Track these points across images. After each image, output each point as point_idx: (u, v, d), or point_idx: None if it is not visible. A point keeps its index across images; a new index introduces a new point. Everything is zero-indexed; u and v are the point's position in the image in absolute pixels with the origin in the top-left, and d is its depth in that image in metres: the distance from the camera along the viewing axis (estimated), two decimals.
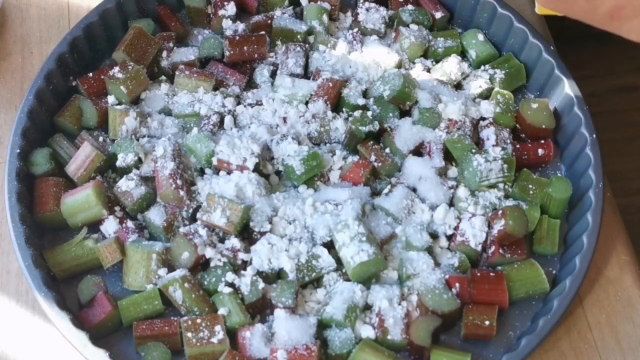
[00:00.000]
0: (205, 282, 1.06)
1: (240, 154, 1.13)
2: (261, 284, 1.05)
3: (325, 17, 1.30)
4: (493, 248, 1.10)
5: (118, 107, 1.18)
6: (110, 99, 1.19)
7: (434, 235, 1.12)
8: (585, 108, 1.19)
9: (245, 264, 1.08)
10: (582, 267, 1.07)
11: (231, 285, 1.06)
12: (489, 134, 1.20)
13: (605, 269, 1.14)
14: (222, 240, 1.10)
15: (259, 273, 1.07)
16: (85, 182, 1.12)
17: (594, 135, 1.16)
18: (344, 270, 1.08)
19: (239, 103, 1.23)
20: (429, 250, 1.10)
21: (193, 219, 1.12)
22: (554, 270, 1.13)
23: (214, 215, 1.07)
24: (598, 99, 2.33)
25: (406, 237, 1.10)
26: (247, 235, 1.11)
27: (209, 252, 1.07)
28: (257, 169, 1.13)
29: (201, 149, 1.14)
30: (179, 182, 1.10)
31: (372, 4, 1.32)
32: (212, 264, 1.07)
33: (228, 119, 1.20)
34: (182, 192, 1.10)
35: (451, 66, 1.26)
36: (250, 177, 1.11)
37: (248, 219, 1.09)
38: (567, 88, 1.21)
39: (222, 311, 1.04)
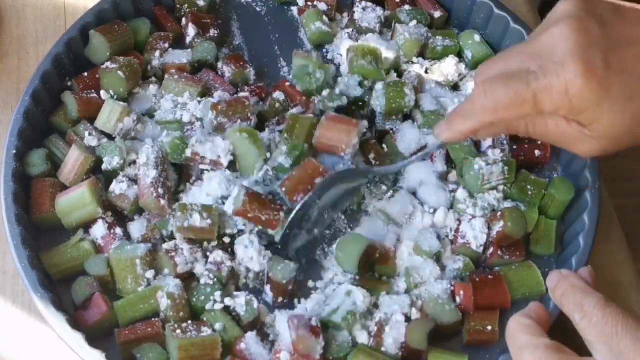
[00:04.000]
0: (194, 299, 1.05)
1: (216, 150, 1.11)
2: (256, 303, 1.04)
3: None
4: (492, 249, 1.10)
5: (121, 103, 1.17)
6: (104, 94, 1.18)
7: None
8: None
9: (232, 273, 1.07)
10: (578, 268, 1.06)
11: (226, 308, 1.04)
12: None
13: (601, 270, 1.14)
14: (205, 256, 1.08)
15: (254, 272, 1.07)
16: None
17: None
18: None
19: None
20: (438, 256, 1.09)
21: None
22: (551, 271, 1.13)
23: (192, 220, 1.06)
24: None
25: (415, 242, 1.10)
26: (228, 245, 1.10)
27: (198, 268, 1.06)
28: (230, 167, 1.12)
29: (173, 140, 1.12)
30: (160, 190, 1.08)
31: (369, 4, 1.31)
32: (202, 281, 1.06)
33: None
34: (163, 202, 1.08)
35: (448, 67, 1.26)
36: (225, 176, 1.11)
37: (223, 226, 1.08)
38: None
39: (217, 327, 1.02)
